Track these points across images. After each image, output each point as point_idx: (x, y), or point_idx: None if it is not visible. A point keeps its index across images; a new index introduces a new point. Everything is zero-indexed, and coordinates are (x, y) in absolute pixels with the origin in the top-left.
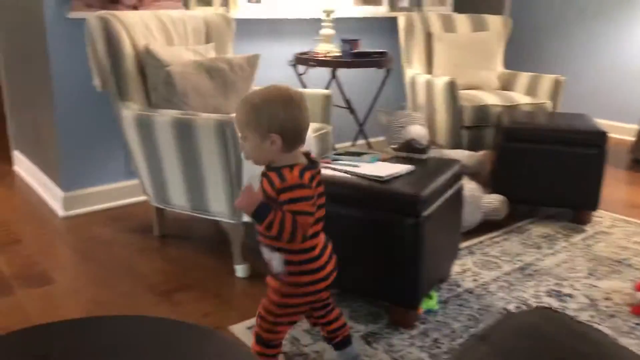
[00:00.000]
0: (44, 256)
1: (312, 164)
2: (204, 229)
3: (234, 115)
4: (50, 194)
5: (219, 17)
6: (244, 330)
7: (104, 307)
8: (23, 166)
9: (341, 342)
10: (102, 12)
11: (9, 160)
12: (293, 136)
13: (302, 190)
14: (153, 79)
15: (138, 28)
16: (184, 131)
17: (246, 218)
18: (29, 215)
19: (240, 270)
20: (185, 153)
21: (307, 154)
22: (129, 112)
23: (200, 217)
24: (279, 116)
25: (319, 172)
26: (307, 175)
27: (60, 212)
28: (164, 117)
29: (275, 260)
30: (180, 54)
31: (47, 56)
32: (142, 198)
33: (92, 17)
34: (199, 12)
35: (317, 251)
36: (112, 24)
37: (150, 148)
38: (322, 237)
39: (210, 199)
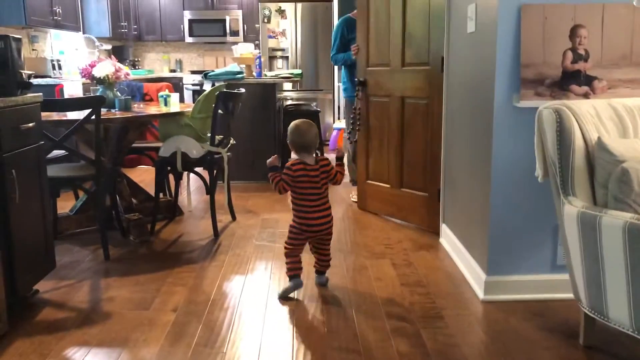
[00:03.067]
0: (463, 339)
1: (312, 165)
2: None
3: None
4: (472, 273)
5: None
6: None
7: None
8: (448, 240)
9: (318, 271)
10: (555, 104)
11: (437, 232)
12: (296, 146)
13: (288, 170)
14: (603, 175)
15: (589, 118)
16: (638, 239)
17: None
18: (451, 291)
19: None
20: (636, 263)
21: (319, 157)
22: (572, 208)
23: None
24: (291, 136)
25: (314, 169)
26: (296, 167)
27: (481, 294)
28: (615, 219)
29: None
30: (637, 148)
31: (492, 139)
32: (567, 295)
33: (545, 109)
34: None
35: (305, 212)
36: (565, 116)
37: (591, 250)
38: (312, 206)
39: None
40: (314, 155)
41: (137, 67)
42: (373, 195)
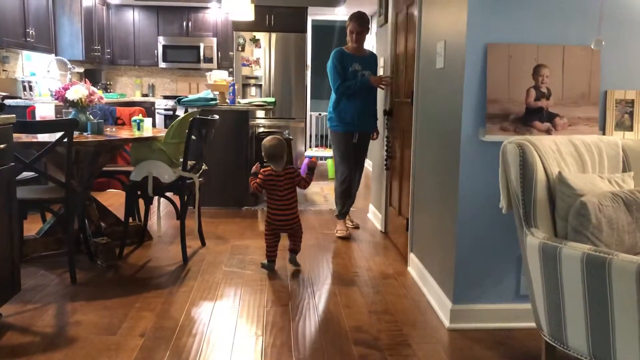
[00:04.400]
0: None
1: (279, 172)
2: None
3: None
4: (439, 301)
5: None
6: None
7: None
8: (415, 268)
9: (291, 250)
10: (519, 139)
11: (405, 260)
12: (268, 158)
13: (260, 175)
14: (563, 207)
15: (551, 154)
16: (595, 269)
17: None
18: (418, 319)
19: None
20: (593, 293)
21: (287, 167)
22: (534, 239)
23: None
24: (265, 149)
25: (280, 175)
26: (266, 172)
27: (446, 322)
28: (573, 250)
29: None
30: (594, 182)
31: (458, 171)
32: (530, 324)
33: (510, 144)
34: (616, 138)
35: (272, 209)
36: (527, 150)
37: (552, 280)
38: (279, 206)
39: (619, 352)
40: (284, 164)
41: (109, 91)
42: (392, 222)
